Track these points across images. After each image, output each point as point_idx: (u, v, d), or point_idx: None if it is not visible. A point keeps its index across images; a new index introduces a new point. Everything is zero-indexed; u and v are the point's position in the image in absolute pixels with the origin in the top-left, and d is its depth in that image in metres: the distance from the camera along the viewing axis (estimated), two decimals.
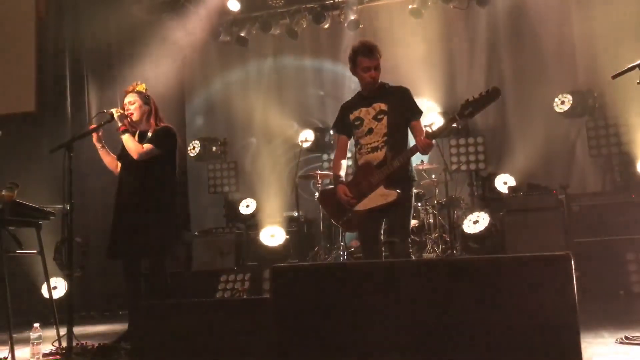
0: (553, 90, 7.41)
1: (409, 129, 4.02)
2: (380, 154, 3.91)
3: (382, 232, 4.01)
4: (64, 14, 7.62)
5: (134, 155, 4.29)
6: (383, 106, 3.96)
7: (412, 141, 4.03)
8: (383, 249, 4.05)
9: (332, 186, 4.26)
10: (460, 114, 3.73)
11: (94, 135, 4.41)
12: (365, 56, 3.95)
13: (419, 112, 4.02)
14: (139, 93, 4.47)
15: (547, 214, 6.47)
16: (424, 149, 3.80)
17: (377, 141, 3.94)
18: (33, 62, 7.59)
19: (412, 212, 3.99)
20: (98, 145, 4.46)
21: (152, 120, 4.45)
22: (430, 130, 3.93)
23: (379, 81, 4.05)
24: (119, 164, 4.53)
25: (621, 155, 7.01)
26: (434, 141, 3.85)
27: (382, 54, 4.01)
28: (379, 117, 3.95)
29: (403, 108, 3.96)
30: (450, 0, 7.71)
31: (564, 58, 7.54)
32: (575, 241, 6.28)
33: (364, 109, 4.03)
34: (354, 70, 4.05)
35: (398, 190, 3.81)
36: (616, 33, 7.14)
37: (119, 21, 7.67)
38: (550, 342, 1.72)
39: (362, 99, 4.09)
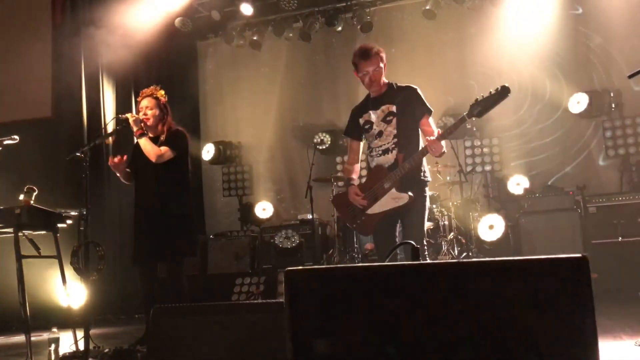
0: (568, 90, 7.37)
1: (419, 129, 3.99)
2: (391, 157, 3.89)
3: (397, 234, 4.00)
4: (79, 21, 7.70)
5: (152, 158, 4.32)
6: (392, 107, 3.94)
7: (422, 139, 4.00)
8: (398, 251, 4.03)
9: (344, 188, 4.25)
10: (470, 114, 3.63)
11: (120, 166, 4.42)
12: (361, 59, 3.96)
13: (427, 110, 3.94)
14: (157, 99, 4.49)
15: (563, 215, 6.43)
16: (433, 151, 3.71)
17: (388, 143, 3.92)
18: (49, 69, 7.68)
19: (426, 214, 3.94)
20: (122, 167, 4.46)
21: (165, 127, 4.48)
22: (439, 132, 3.83)
23: (387, 81, 4.05)
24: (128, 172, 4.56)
25: (638, 155, 6.94)
26: (443, 144, 3.75)
27: (382, 57, 3.97)
28: (388, 118, 3.93)
29: (412, 107, 3.92)
30: (463, 1, 7.68)
31: (579, 57, 7.47)
32: (592, 242, 6.22)
33: (372, 112, 4.02)
34: (357, 75, 4.06)
35: (410, 194, 3.78)
36: (631, 31, 7.09)
37: (134, 27, 7.74)
38: (567, 346, 1.70)
39: (370, 102, 4.08)
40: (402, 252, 4.41)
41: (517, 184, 7.26)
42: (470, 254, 6.64)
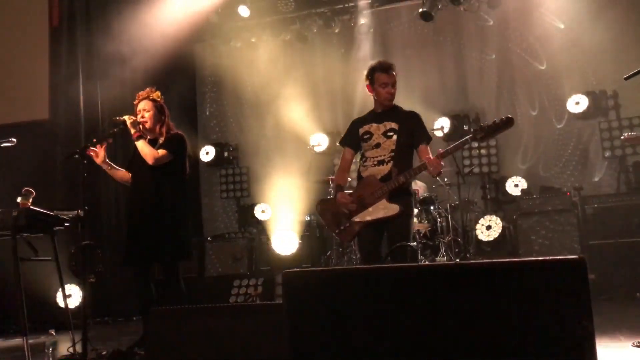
0: (565, 92, 7.39)
1: (414, 153, 4.05)
2: (385, 168, 3.94)
3: (381, 244, 4.04)
4: (76, 23, 7.69)
5: (150, 161, 4.30)
6: (394, 125, 4.01)
7: (415, 163, 4.04)
8: (386, 258, 4.05)
9: (332, 196, 4.28)
10: (473, 138, 3.74)
11: (98, 156, 4.37)
12: (383, 72, 4.02)
13: (427, 139, 4.05)
14: (154, 101, 4.48)
15: (560, 216, 6.45)
16: (434, 168, 3.76)
17: (384, 155, 3.97)
18: (46, 71, 7.67)
19: (412, 224, 4.03)
20: (105, 167, 4.44)
21: (163, 129, 4.47)
22: (440, 151, 3.89)
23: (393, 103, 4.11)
24: (130, 175, 4.54)
25: (635, 156, 6.96)
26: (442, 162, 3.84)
27: (397, 73, 4.07)
28: (389, 134, 4.00)
29: (413, 131, 4.00)
30: (460, 3, 7.69)
31: (576, 59, 7.49)
32: (589, 243, 6.23)
33: (374, 125, 4.08)
34: (371, 88, 4.08)
35: (399, 205, 3.84)
36: (626, 32, 7.11)
37: (131, 29, 7.74)
38: (565, 347, 1.71)
39: (374, 116, 4.14)
40: (391, 257, 4.43)
41: (515, 185, 7.28)
42: (468, 255, 6.65)
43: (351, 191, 4.17)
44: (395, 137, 3.97)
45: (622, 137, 5.25)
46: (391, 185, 3.85)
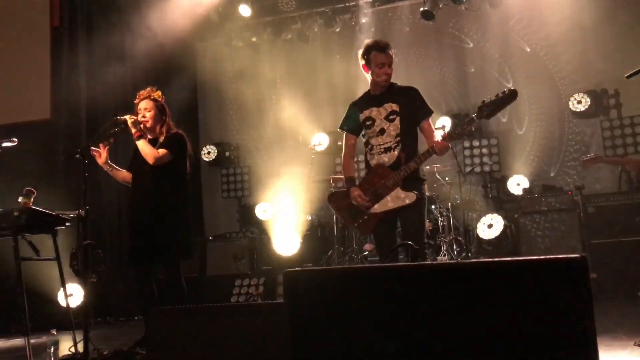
0: (566, 91, 7.38)
1: (418, 130, 3.98)
2: (393, 155, 3.86)
3: (397, 233, 4.00)
4: (77, 23, 7.69)
5: (150, 160, 4.30)
6: (395, 106, 3.90)
7: (421, 142, 4.00)
8: (400, 251, 4.02)
9: (342, 188, 4.21)
10: (479, 115, 3.61)
11: (101, 157, 4.38)
12: (380, 51, 3.89)
13: (429, 112, 3.96)
14: (155, 100, 4.47)
15: (562, 215, 6.44)
16: (440, 151, 3.73)
17: (390, 142, 3.88)
18: (48, 71, 7.66)
19: (426, 212, 3.95)
20: (106, 168, 4.45)
21: (163, 128, 4.46)
22: (445, 133, 3.87)
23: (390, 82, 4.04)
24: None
25: (637, 154, 6.95)
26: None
27: (394, 52, 4.01)
28: (391, 117, 3.90)
29: (414, 108, 3.91)
30: (462, 2, 7.68)
31: (577, 58, 7.48)
32: (591, 242, 6.23)
33: (374, 109, 3.97)
34: (367, 68, 3.96)
35: (416, 193, 3.78)
36: (628, 32, 7.10)
37: (133, 29, 7.74)
38: (566, 346, 1.70)
39: (372, 99, 4.02)
40: (403, 251, 4.40)
41: (517, 184, 7.27)
42: (469, 254, 6.64)
43: (361, 180, 4.07)
44: (398, 119, 3.87)
45: (581, 159, 5.49)
46: (403, 173, 3.77)
